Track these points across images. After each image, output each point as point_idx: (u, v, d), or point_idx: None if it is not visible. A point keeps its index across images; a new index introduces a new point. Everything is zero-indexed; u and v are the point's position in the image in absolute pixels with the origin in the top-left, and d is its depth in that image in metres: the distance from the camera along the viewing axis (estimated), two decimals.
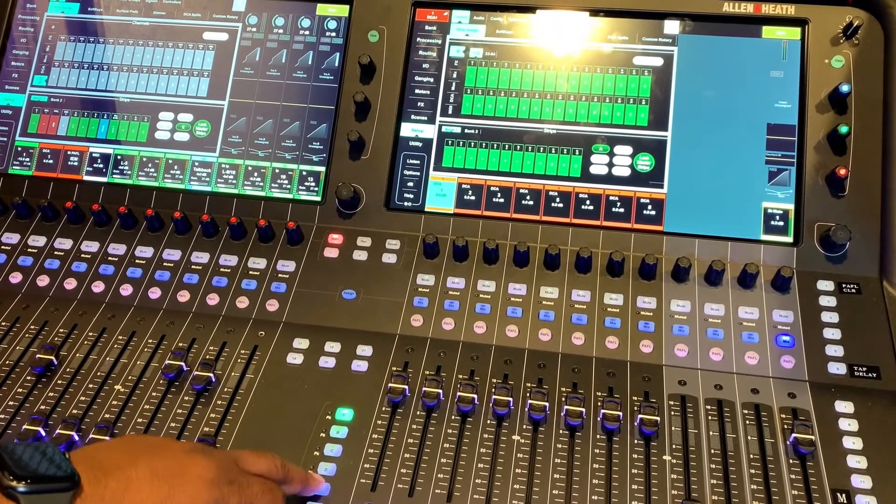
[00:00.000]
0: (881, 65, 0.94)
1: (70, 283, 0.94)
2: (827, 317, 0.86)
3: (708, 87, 0.97)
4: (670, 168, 0.96)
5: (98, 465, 0.53)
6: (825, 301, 0.87)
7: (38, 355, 0.84)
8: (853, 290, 0.88)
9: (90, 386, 0.83)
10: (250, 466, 0.63)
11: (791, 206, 0.93)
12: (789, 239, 0.92)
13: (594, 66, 1.00)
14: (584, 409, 0.77)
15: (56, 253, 0.98)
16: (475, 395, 0.79)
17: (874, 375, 0.82)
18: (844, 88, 0.92)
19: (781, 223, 0.93)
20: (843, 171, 0.90)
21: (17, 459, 0.50)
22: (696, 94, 0.97)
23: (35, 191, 1.04)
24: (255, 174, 1.03)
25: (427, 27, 1.04)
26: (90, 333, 0.89)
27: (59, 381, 0.83)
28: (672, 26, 1.00)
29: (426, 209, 0.99)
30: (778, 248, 0.91)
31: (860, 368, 0.82)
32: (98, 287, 0.94)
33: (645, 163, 0.97)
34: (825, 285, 0.89)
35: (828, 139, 0.93)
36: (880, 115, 0.93)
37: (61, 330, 0.89)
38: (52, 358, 0.84)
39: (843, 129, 0.91)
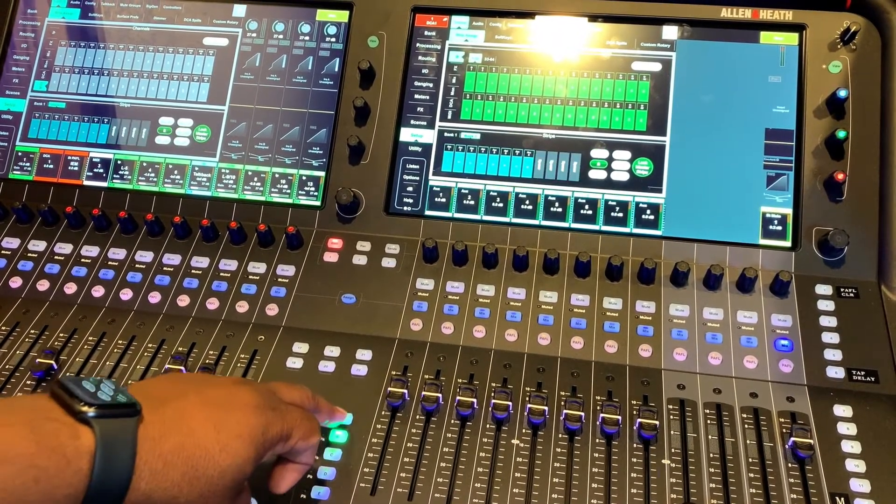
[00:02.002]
0: (878, 70, 0.94)
1: (70, 288, 0.94)
2: (825, 321, 0.86)
3: (706, 92, 0.98)
4: (669, 173, 0.96)
5: (153, 397, 0.57)
6: (823, 305, 0.88)
7: (38, 359, 0.84)
8: (851, 295, 0.88)
9: None
10: (286, 396, 0.67)
11: (789, 211, 0.93)
12: (787, 243, 0.93)
13: (593, 72, 1.00)
14: (583, 414, 0.78)
15: (56, 257, 0.98)
16: (474, 399, 0.79)
17: (872, 379, 0.82)
18: (842, 93, 0.92)
19: (780, 228, 0.93)
20: (840, 176, 0.90)
21: (82, 389, 0.53)
22: (695, 99, 0.98)
23: (35, 195, 1.05)
24: (255, 179, 1.03)
25: (426, 32, 1.05)
26: (90, 338, 0.89)
27: None
28: (670, 32, 1.00)
29: (426, 214, 0.99)
30: (776, 253, 0.92)
31: (858, 372, 0.82)
32: (98, 291, 0.94)
33: (643, 167, 0.97)
34: (823, 289, 0.89)
35: (826, 144, 0.94)
36: (878, 120, 0.93)
37: (61, 334, 0.89)
38: (52, 362, 0.84)
39: (841, 134, 0.91)
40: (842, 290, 0.89)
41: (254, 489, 0.67)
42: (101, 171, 1.06)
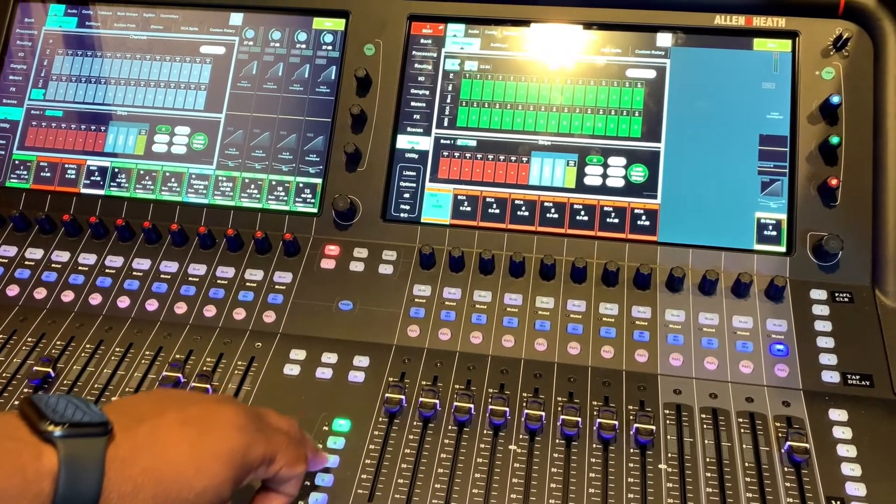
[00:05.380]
0: (871, 76, 0.95)
1: (67, 296, 0.94)
2: (820, 325, 0.87)
3: (700, 99, 0.98)
4: (664, 179, 0.97)
5: (128, 414, 0.55)
6: (818, 310, 0.88)
7: (35, 367, 0.84)
8: (846, 299, 0.89)
9: (87, 398, 0.83)
10: (274, 421, 0.65)
11: (784, 216, 0.94)
12: (782, 248, 0.93)
13: (588, 79, 1.01)
14: (579, 419, 0.78)
15: (53, 265, 0.98)
16: (471, 406, 0.79)
17: (867, 383, 0.82)
18: (835, 100, 0.93)
19: (774, 233, 0.94)
20: (834, 182, 0.91)
21: (51, 408, 0.52)
22: (689, 106, 0.99)
23: (32, 204, 1.05)
24: (252, 186, 1.03)
25: (422, 40, 1.05)
26: (87, 345, 0.89)
27: (57, 394, 0.83)
28: (664, 39, 1.01)
29: (422, 220, 0.99)
30: (771, 258, 0.92)
31: (853, 377, 0.83)
32: (95, 299, 0.94)
33: (638, 174, 0.97)
34: (818, 294, 0.89)
35: (819, 150, 0.94)
36: (870, 126, 0.94)
37: (58, 342, 0.89)
38: (50, 370, 0.84)
39: (835, 140, 0.92)
40: (836, 294, 0.89)
41: None
42: (99, 179, 1.06)
